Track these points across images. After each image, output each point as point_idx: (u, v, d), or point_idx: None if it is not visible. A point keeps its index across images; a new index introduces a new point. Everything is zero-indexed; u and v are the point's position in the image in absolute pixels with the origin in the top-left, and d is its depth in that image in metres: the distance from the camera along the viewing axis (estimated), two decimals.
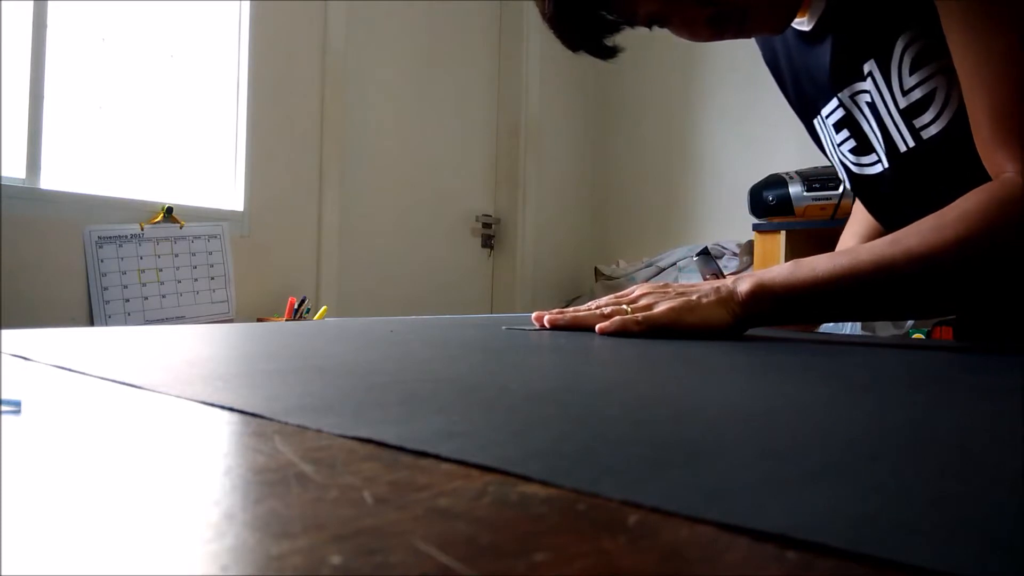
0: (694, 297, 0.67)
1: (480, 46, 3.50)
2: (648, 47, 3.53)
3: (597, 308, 0.72)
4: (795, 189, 2.38)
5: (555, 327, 0.71)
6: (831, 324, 2.36)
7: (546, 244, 3.62)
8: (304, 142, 2.80)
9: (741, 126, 3.32)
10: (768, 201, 2.43)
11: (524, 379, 0.39)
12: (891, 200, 0.79)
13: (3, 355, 0.42)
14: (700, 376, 0.44)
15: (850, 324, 2.27)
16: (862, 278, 0.62)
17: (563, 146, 3.71)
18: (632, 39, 0.74)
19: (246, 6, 2.65)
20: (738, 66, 3.29)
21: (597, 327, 0.67)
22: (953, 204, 0.61)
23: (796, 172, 2.43)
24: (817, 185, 2.34)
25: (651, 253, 3.31)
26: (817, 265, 0.65)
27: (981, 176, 0.63)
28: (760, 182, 2.49)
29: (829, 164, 0.87)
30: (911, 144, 0.71)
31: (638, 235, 3.64)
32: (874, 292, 0.63)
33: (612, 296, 0.75)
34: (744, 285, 0.67)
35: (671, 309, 0.66)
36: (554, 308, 0.76)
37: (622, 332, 0.65)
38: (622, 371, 0.45)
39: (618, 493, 0.18)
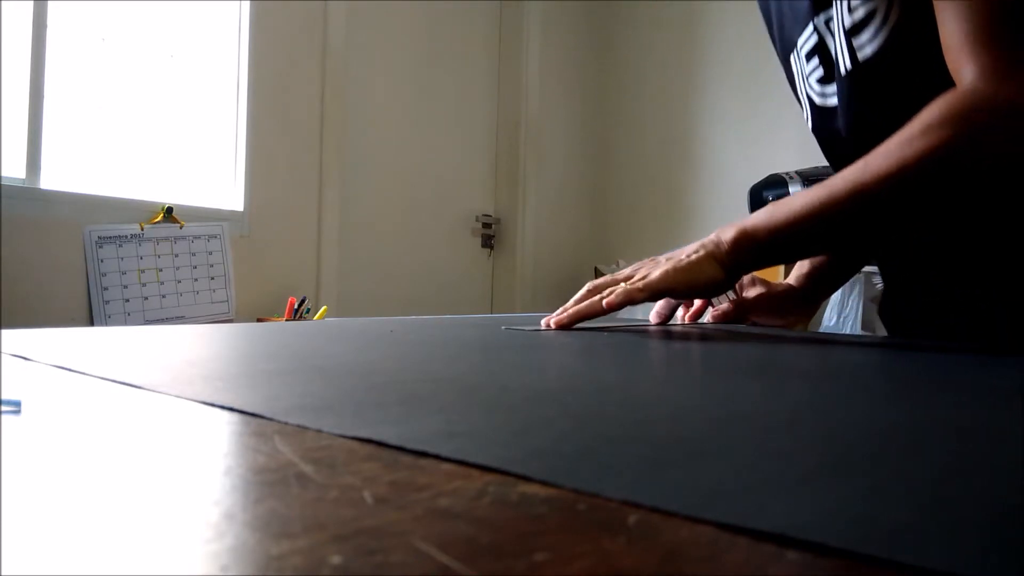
0: (683, 256, 0.71)
1: (480, 46, 3.50)
2: (649, 47, 3.54)
3: (590, 293, 0.74)
4: (795, 189, 2.38)
5: (562, 327, 0.72)
6: (832, 324, 2.35)
7: (546, 244, 3.62)
8: (304, 142, 2.80)
9: (741, 126, 3.32)
10: (768, 201, 2.43)
11: (524, 379, 0.39)
12: (846, 142, 0.78)
13: (3, 355, 0.42)
14: (700, 376, 0.44)
15: (851, 324, 2.27)
16: (838, 207, 0.63)
17: (563, 146, 3.71)
18: (633, 39, 0.74)
19: (246, 6, 2.65)
20: (738, 66, 3.29)
21: (604, 302, 0.69)
22: (915, 118, 0.61)
23: (796, 172, 2.43)
24: None
25: (651, 253, 3.30)
26: (794, 202, 0.66)
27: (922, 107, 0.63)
28: (760, 182, 2.49)
29: (828, 165, 0.87)
30: (848, 66, 0.71)
31: (638, 235, 3.64)
32: (852, 220, 0.64)
33: (606, 277, 0.77)
34: (728, 234, 0.70)
35: (665, 272, 0.70)
36: (554, 308, 0.76)
37: (628, 302, 0.68)
38: (622, 371, 0.45)
39: (618, 493, 0.18)
